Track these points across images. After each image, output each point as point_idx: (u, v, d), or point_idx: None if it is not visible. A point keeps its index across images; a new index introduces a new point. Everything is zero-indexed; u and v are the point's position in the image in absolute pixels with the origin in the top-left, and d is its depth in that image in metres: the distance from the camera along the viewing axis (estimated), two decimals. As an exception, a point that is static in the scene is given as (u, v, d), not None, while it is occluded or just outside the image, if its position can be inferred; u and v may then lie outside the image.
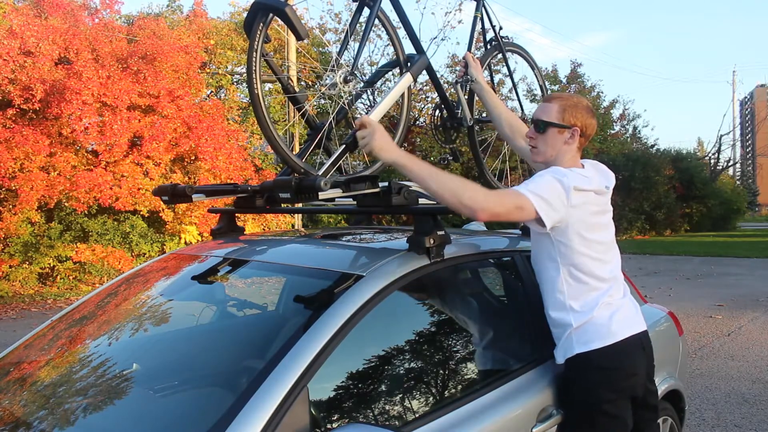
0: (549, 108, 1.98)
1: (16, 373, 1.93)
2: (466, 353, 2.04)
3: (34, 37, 9.28)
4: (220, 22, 15.33)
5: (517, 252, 2.31)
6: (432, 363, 1.91)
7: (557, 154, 1.97)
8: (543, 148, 1.99)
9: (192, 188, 2.13)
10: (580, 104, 1.99)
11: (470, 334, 2.10)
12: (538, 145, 2.00)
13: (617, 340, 1.89)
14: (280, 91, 13.73)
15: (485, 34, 3.05)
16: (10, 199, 9.65)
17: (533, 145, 2.02)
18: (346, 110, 2.39)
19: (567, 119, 1.96)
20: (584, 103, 2.01)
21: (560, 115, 1.96)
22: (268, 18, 1.88)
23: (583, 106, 1.99)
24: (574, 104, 1.97)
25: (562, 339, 1.94)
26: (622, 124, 25.63)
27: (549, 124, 1.96)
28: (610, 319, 1.90)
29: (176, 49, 10.77)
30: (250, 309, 2.35)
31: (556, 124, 1.96)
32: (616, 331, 1.90)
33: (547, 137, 1.97)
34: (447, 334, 2.07)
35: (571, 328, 1.90)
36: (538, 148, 2.00)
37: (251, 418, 1.32)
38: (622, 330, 1.91)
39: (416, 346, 1.90)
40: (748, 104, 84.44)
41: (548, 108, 1.98)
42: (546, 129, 1.97)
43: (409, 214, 2.00)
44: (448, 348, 2.01)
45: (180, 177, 11.05)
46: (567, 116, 1.96)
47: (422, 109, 17.35)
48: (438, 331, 2.04)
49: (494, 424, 1.75)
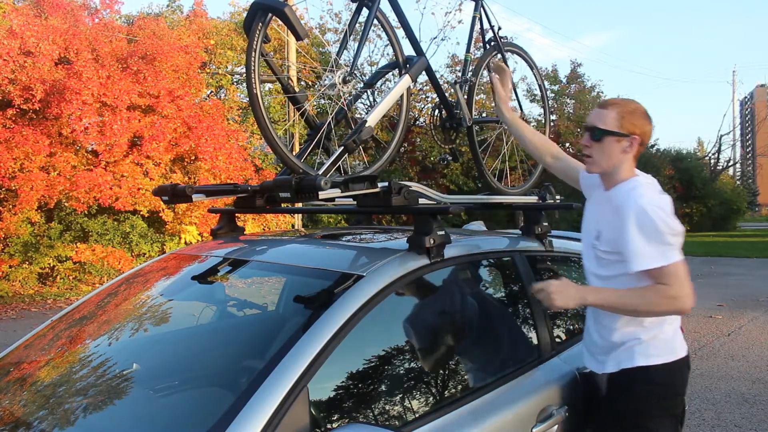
0: (606, 115, 1.84)
1: (16, 373, 1.93)
2: (466, 353, 2.04)
3: (34, 37, 9.29)
4: (220, 22, 15.33)
5: (517, 252, 2.31)
6: (432, 363, 1.91)
7: (615, 164, 1.86)
8: (599, 157, 1.86)
9: (192, 188, 2.13)
10: (638, 110, 1.86)
11: (470, 334, 2.10)
12: (593, 155, 1.87)
13: (677, 358, 1.88)
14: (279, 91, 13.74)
15: (484, 35, 3.05)
16: (10, 199, 9.65)
17: (588, 154, 1.88)
18: (345, 110, 2.39)
19: (626, 127, 1.83)
20: (642, 109, 1.88)
21: (618, 123, 1.82)
22: (267, 18, 1.88)
23: (641, 112, 1.86)
24: (632, 110, 1.84)
25: (620, 349, 1.88)
26: (622, 124, 25.57)
27: (606, 132, 1.83)
28: (674, 336, 1.89)
29: (176, 49, 10.78)
30: (250, 309, 2.36)
31: (615, 132, 1.83)
32: (677, 349, 1.89)
33: (603, 146, 1.84)
34: (447, 334, 2.07)
35: (638, 341, 1.86)
36: (594, 158, 1.87)
37: (251, 418, 1.32)
38: (681, 348, 1.91)
39: (416, 346, 1.90)
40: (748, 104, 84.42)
41: (605, 115, 1.84)
42: (602, 137, 1.84)
43: (409, 214, 2.00)
44: (448, 348, 2.01)
45: (180, 177, 11.06)
46: (626, 123, 1.82)
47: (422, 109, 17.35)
48: (438, 331, 2.04)
49: (494, 424, 1.75)
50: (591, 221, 1.97)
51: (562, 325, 2.44)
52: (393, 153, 2.40)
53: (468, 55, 3.00)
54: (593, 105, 22.20)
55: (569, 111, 22.22)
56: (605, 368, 1.93)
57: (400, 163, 17.35)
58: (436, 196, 2.27)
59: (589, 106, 22.11)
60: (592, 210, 2.00)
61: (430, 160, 17.23)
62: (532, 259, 2.38)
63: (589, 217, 2.00)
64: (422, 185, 2.23)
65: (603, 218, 1.88)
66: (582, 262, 2.06)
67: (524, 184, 3.06)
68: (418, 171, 17.70)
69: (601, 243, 1.87)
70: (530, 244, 2.43)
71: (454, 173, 17.30)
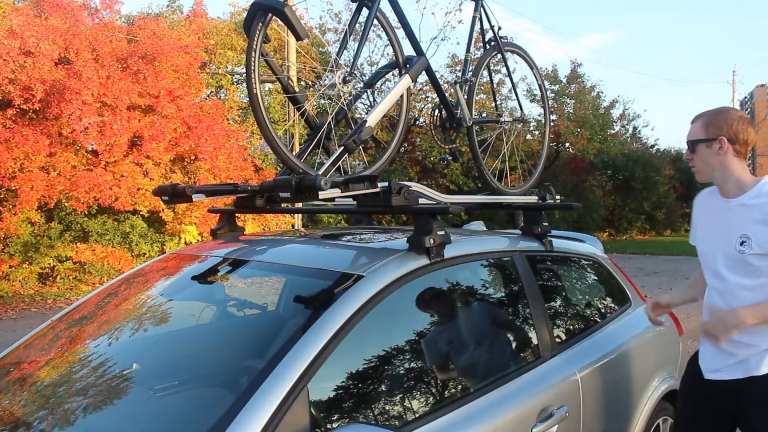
0: (694, 127, 2.05)
1: (16, 373, 1.93)
2: (466, 353, 2.04)
3: (34, 37, 9.28)
4: (220, 22, 15.32)
5: (516, 252, 2.31)
6: (432, 363, 1.91)
7: (718, 168, 1.99)
8: (699, 165, 2.04)
9: (192, 188, 2.13)
10: (722, 113, 2.01)
11: (470, 334, 2.10)
12: (695, 165, 2.05)
13: None
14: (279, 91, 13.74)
15: (484, 35, 3.05)
16: (10, 199, 9.65)
17: (691, 165, 2.08)
18: (345, 110, 2.39)
19: (710, 132, 1.99)
20: (728, 112, 2.01)
21: (704, 130, 2.00)
22: (267, 18, 1.88)
23: (726, 115, 2.00)
24: (715, 115, 2.01)
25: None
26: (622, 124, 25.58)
27: (695, 142, 2.02)
28: None
29: (176, 49, 10.77)
30: (250, 309, 2.36)
31: (702, 139, 2.01)
32: None
33: (699, 155, 2.02)
34: (447, 334, 2.06)
35: None
36: (696, 167, 2.05)
37: (251, 418, 1.32)
38: None
39: (416, 346, 1.90)
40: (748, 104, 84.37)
41: (693, 128, 2.05)
42: (695, 147, 2.03)
43: (409, 214, 2.00)
44: (448, 348, 2.00)
45: (180, 177, 11.06)
46: (710, 129, 1.99)
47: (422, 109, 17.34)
48: (438, 331, 2.04)
49: (494, 423, 1.75)
50: (721, 232, 2.01)
51: (562, 325, 2.44)
52: (393, 153, 2.40)
53: (468, 55, 3.00)
54: (593, 105, 22.27)
55: (569, 111, 22.21)
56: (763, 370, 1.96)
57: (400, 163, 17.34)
58: (436, 196, 2.27)
59: (589, 106, 22.10)
60: (714, 222, 2.06)
61: (430, 160, 17.22)
62: (532, 259, 2.38)
63: (715, 230, 2.04)
64: (422, 185, 2.23)
65: (744, 224, 1.94)
66: (701, 277, 2.15)
67: (524, 184, 3.06)
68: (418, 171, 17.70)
69: (752, 246, 1.91)
70: (530, 244, 2.43)
71: (454, 173, 17.29)
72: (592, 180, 22.34)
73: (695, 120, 2.05)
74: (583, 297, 2.78)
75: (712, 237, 2.05)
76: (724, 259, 1.99)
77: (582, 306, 2.68)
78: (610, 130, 23.88)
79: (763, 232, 1.88)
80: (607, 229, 23.93)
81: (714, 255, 2.02)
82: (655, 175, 23.96)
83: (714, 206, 2.07)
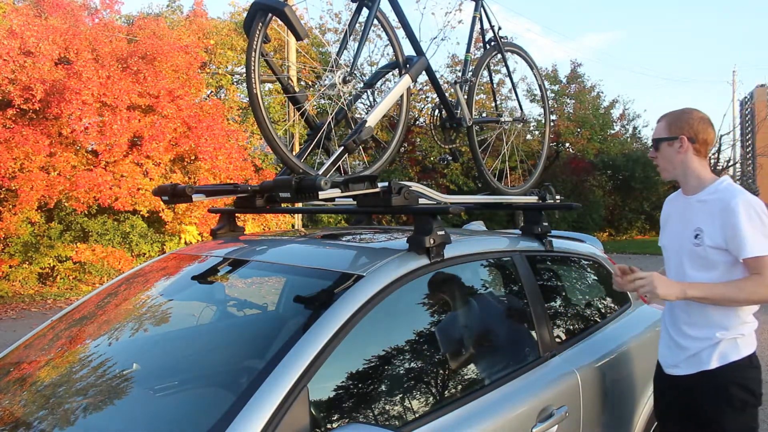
0: (658, 127, 2.12)
1: (16, 373, 1.93)
2: (466, 353, 2.04)
3: (34, 37, 9.28)
4: (220, 22, 15.32)
5: (516, 252, 2.31)
6: (432, 363, 1.91)
7: (679, 166, 2.06)
8: (663, 164, 2.11)
9: (192, 188, 2.13)
10: (685, 114, 2.07)
11: (470, 334, 2.10)
12: (659, 163, 2.12)
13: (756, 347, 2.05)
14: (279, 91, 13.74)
15: (484, 35, 3.05)
16: (10, 199, 9.65)
17: (656, 164, 2.14)
18: (345, 110, 2.39)
19: (672, 131, 2.06)
20: (690, 113, 2.07)
21: (667, 130, 2.07)
22: (267, 18, 1.88)
23: (688, 116, 2.06)
24: (677, 116, 2.08)
25: (723, 344, 1.98)
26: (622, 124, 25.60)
27: (659, 140, 2.09)
28: (753, 330, 2.04)
29: (176, 49, 10.77)
30: (250, 309, 2.36)
31: (664, 138, 2.08)
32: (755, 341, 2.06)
33: (662, 153, 2.10)
34: (447, 334, 2.07)
35: (740, 335, 1.98)
36: (660, 166, 2.13)
37: (251, 418, 1.32)
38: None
39: (416, 346, 1.90)
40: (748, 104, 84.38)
41: (658, 127, 2.12)
42: (659, 146, 2.10)
43: (409, 214, 2.00)
44: (448, 348, 2.01)
45: (180, 177, 11.05)
46: (672, 128, 2.06)
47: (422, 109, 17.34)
48: (438, 331, 2.04)
49: (494, 423, 1.75)
50: (681, 227, 2.09)
51: (562, 325, 2.44)
52: (393, 153, 2.40)
53: (468, 55, 3.00)
54: (593, 105, 22.28)
55: (569, 111, 22.22)
56: (712, 364, 1.98)
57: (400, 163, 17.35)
58: (436, 196, 2.27)
59: (589, 106, 22.11)
60: (676, 219, 2.14)
61: (430, 160, 17.22)
62: (532, 259, 2.38)
63: (676, 227, 2.13)
64: (422, 185, 2.23)
65: (698, 218, 2.01)
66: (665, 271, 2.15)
67: (524, 184, 3.06)
68: (418, 171, 17.70)
69: (704, 239, 1.97)
70: (530, 244, 2.43)
71: (454, 173, 17.29)
72: (592, 180, 22.35)
73: (660, 120, 2.12)
74: (583, 297, 2.77)
75: (673, 233, 2.14)
76: (686, 254, 2.05)
77: (582, 306, 2.68)
78: (610, 130, 23.90)
79: (713, 224, 1.95)
80: (607, 229, 23.94)
81: (676, 250, 2.10)
82: (655, 175, 23.92)
83: (678, 205, 2.15)
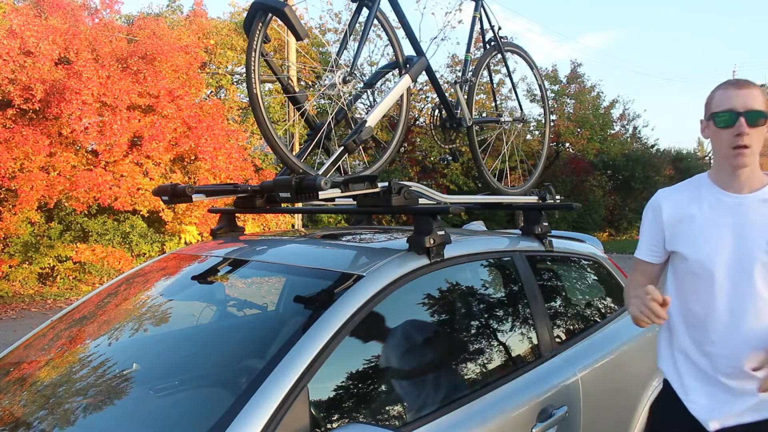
0: (755, 95, 1.49)
1: (16, 373, 1.93)
2: (466, 353, 2.04)
3: (34, 37, 9.28)
4: (220, 22, 15.31)
5: (516, 252, 2.31)
6: (431, 363, 1.91)
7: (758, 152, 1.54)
8: (756, 146, 1.51)
9: (192, 188, 2.13)
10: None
11: (470, 334, 2.10)
12: (752, 144, 1.50)
13: None
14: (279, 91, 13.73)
15: (484, 35, 3.05)
16: (10, 199, 9.64)
17: (746, 143, 1.50)
18: (345, 110, 2.39)
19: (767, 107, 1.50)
20: None
21: (766, 103, 1.51)
22: (267, 18, 1.88)
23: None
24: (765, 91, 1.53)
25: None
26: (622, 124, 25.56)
27: (759, 115, 1.48)
28: None
29: (176, 49, 10.77)
30: (250, 309, 2.36)
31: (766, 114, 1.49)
32: None
33: (760, 132, 1.50)
34: (447, 334, 2.07)
35: None
36: (752, 148, 1.50)
37: (251, 418, 1.32)
38: None
39: (416, 346, 1.90)
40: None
41: (754, 95, 1.49)
42: (757, 120, 1.48)
43: (409, 214, 2.00)
44: (448, 348, 2.01)
45: (180, 177, 11.05)
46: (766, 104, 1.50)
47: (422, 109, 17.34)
48: (438, 331, 2.04)
49: (494, 423, 1.75)
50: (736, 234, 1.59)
51: (562, 325, 2.44)
52: (393, 153, 2.40)
53: (468, 55, 3.00)
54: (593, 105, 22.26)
55: (569, 111, 22.20)
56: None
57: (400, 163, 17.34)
58: (436, 196, 2.27)
59: (589, 106, 22.09)
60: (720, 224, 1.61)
61: (430, 160, 17.21)
62: (532, 259, 2.38)
63: (722, 233, 1.61)
64: (422, 185, 2.23)
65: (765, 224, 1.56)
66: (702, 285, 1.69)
67: (524, 184, 3.06)
68: (418, 171, 17.69)
69: None
70: (530, 244, 2.43)
71: (454, 173, 17.28)
72: (592, 180, 22.33)
73: (750, 86, 1.51)
74: (583, 297, 2.77)
75: (722, 243, 1.60)
76: (758, 268, 1.56)
77: (582, 306, 2.68)
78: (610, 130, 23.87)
79: None
80: (607, 229, 23.93)
81: (734, 266, 1.59)
82: (655, 175, 23.96)
83: (711, 204, 1.63)
